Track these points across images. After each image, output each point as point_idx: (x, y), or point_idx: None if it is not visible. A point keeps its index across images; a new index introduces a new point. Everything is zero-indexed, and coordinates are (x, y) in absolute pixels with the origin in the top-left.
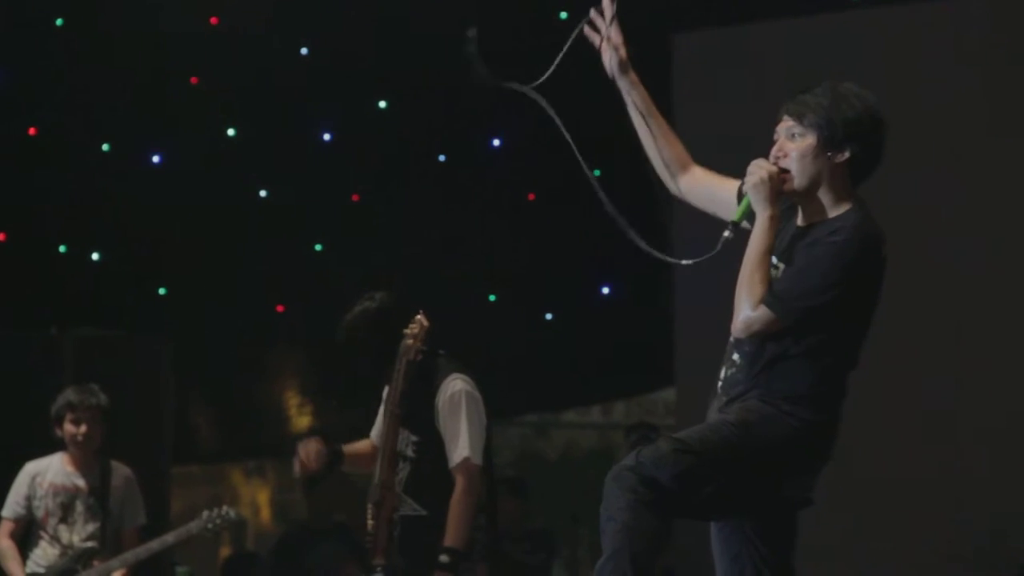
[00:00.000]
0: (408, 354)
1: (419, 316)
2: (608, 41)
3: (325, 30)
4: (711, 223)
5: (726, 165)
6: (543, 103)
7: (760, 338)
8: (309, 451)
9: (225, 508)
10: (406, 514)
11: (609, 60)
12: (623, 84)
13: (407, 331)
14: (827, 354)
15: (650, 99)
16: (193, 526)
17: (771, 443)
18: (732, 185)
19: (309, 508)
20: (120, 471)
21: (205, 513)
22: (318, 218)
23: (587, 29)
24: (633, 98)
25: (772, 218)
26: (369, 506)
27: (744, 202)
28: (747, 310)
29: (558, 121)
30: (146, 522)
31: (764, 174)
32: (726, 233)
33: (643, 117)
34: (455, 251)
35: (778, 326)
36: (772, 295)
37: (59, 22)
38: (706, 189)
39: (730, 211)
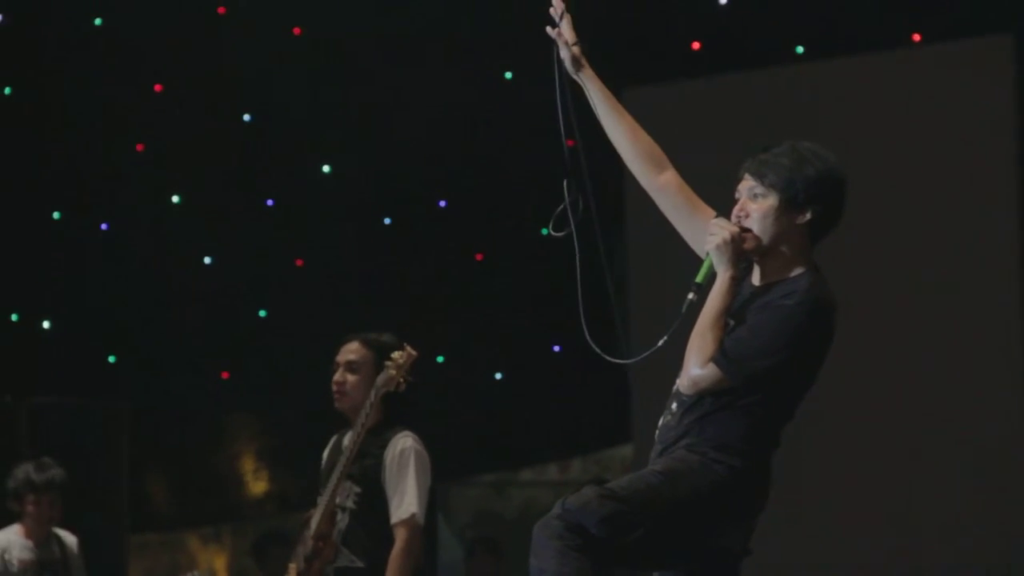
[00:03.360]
0: (389, 385)
1: (407, 347)
2: (561, 38)
3: (266, 96)
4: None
5: None
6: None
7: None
8: None
9: (196, 572)
10: (342, 565)
11: (566, 58)
12: (581, 80)
13: (390, 362)
14: (765, 409)
15: (611, 95)
16: None
17: (696, 491)
18: (705, 215)
19: (262, 572)
20: (69, 540)
21: None
22: (263, 284)
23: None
24: (593, 93)
25: (732, 279)
26: (292, 564)
27: (706, 262)
28: (696, 368)
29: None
30: None
31: (727, 235)
32: (690, 296)
33: (607, 110)
34: (402, 314)
35: (725, 385)
36: (722, 354)
37: (7, 91)
38: (679, 203)
39: (693, 239)
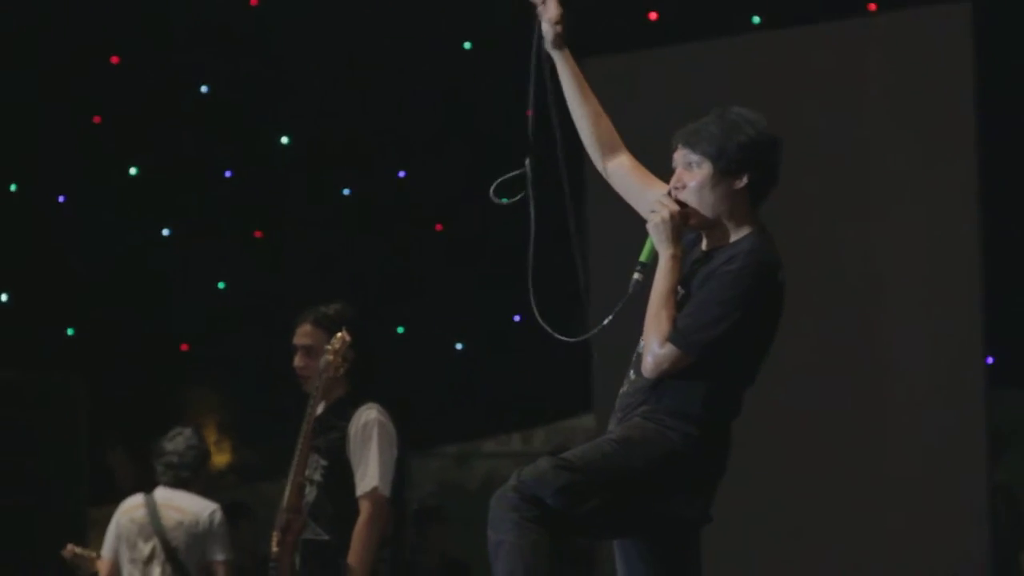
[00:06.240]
0: (328, 371)
1: (341, 332)
2: (545, 16)
3: (225, 66)
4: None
5: None
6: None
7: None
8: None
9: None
10: (308, 538)
11: (547, 33)
12: (556, 58)
13: (328, 347)
14: (722, 374)
15: (582, 77)
16: None
17: (651, 459)
18: (657, 188)
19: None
20: None
21: None
22: (221, 256)
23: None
24: (566, 74)
25: (674, 257)
26: (275, 532)
27: (649, 242)
28: (655, 347)
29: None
30: None
31: (666, 213)
32: (635, 276)
33: (575, 92)
34: (361, 285)
35: (685, 362)
36: (676, 331)
37: None
38: (631, 182)
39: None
